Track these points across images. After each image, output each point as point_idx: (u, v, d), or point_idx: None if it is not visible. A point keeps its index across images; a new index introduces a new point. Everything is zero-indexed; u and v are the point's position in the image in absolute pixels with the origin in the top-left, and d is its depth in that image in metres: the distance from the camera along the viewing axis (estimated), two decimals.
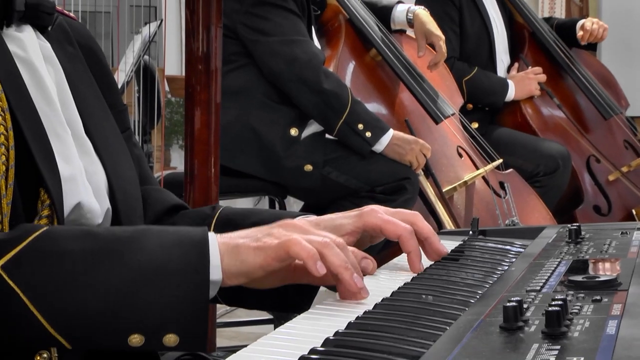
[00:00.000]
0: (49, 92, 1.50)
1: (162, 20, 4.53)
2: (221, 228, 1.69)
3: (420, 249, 1.54)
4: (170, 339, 1.21)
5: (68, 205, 1.46)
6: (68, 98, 1.56)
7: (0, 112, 1.37)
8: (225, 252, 1.27)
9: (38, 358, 1.32)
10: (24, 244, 1.22)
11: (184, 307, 1.22)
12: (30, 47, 1.52)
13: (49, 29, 1.58)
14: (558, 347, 0.94)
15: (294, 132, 3.73)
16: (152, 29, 4.53)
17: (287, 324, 1.20)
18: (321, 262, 1.27)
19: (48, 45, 1.57)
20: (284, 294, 1.49)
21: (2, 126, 1.37)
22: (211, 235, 1.28)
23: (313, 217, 1.56)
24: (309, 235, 1.31)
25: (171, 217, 1.75)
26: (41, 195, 1.41)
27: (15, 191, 1.37)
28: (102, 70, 1.72)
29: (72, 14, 1.74)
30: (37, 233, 1.24)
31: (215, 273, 1.25)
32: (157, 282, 1.22)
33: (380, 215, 1.52)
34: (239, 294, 1.44)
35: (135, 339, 1.21)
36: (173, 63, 9.96)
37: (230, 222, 1.70)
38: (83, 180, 1.51)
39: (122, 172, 1.61)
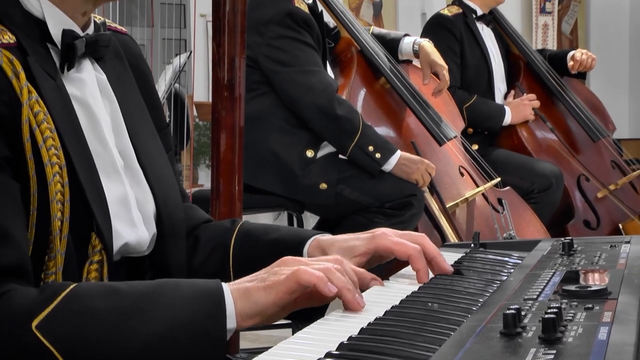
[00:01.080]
0: (102, 132, 1.50)
1: (191, 52, 4.55)
2: (241, 241, 1.69)
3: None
4: None
5: (117, 245, 1.46)
6: (122, 130, 1.56)
7: (58, 172, 1.37)
8: (238, 297, 1.26)
9: None
10: (54, 304, 1.21)
11: (202, 356, 1.22)
12: (88, 86, 1.52)
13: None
14: (554, 351, 0.94)
15: (310, 153, 3.73)
16: (182, 59, 4.55)
17: (304, 330, 1.19)
18: (332, 285, 1.26)
19: (104, 77, 1.57)
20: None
21: (59, 184, 1.36)
22: (224, 286, 1.27)
23: (328, 237, 1.56)
24: (311, 265, 1.30)
25: (199, 230, 1.74)
26: (92, 240, 1.41)
27: (68, 241, 1.37)
28: (149, 90, 1.72)
29: (122, 28, 1.73)
30: (64, 293, 1.23)
31: (231, 322, 1.24)
32: (178, 336, 1.21)
33: (391, 238, 1.52)
34: None
35: None
36: (201, 90, 9.98)
37: (251, 236, 1.70)
38: (136, 212, 1.51)
39: (169, 198, 1.61)
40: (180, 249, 1.62)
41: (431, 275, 1.54)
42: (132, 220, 1.51)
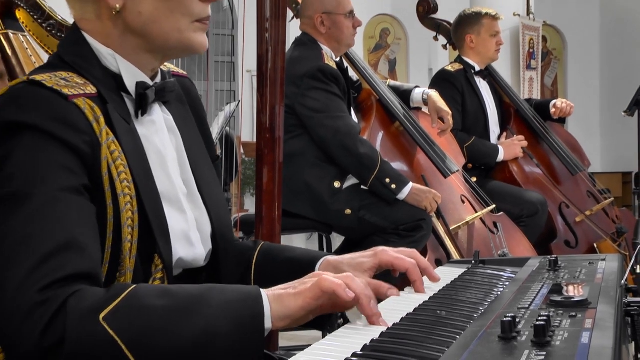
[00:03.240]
0: (167, 167, 1.51)
1: (239, 101, 4.56)
2: (262, 259, 1.69)
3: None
4: None
5: (176, 264, 1.46)
6: (185, 162, 1.57)
7: (129, 202, 1.37)
8: (273, 301, 1.24)
9: None
10: (118, 300, 1.20)
11: (248, 349, 1.20)
12: (157, 127, 1.53)
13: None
14: (544, 353, 0.93)
15: (337, 184, 3.73)
16: (232, 107, 4.56)
17: (334, 333, 1.19)
18: (351, 291, 1.25)
19: (170, 117, 1.58)
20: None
21: (130, 211, 1.37)
22: (262, 292, 1.25)
23: (336, 257, 1.55)
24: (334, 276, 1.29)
25: None
26: (155, 260, 1.41)
27: (136, 260, 1.37)
28: (203, 126, 1.72)
29: (184, 72, 1.74)
30: (127, 292, 1.22)
31: (267, 322, 1.23)
32: (224, 332, 1.19)
33: (391, 254, 1.52)
34: None
35: None
36: (247, 132, 10.04)
37: (270, 255, 1.69)
38: (195, 233, 1.51)
39: (222, 220, 1.60)
40: (231, 262, 1.62)
41: (427, 283, 1.53)
42: (191, 240, 1.51)
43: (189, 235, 1.50)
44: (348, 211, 3.68)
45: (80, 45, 1.48)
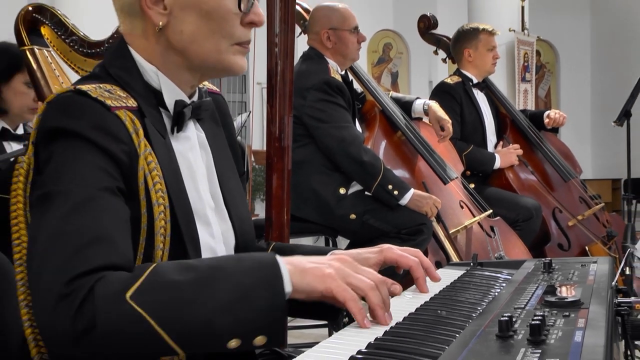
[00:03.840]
0: (198, 182, 1.50)
1: (250, 112, 4.56)
2: None
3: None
4: (260, 340, 1.18)
5: None
6: (214, 178, 1.56)
7: (163, 211, 1.37)
8: (294, 272, 1.24)
9: None
10: (141, 278, 1.19)
11: (268, 314, 1.19)
12: (190, 143, 1.53)
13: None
14: (539, 351, 0.93)
15: (342, 190, 3.73)
16: (243, 118, 4.56)
17: (340, 332, 1.19)
18: (367, 320, 1.23)
19: (203, 135, 1.57)
20: (317, 311, 1.47)
21: (163, 220, 1.37)
22: (279, 260, 1.24)
23: (343, 251, 1.54)
24: (359, 276, 1.28)
25: None
26: None
27: None
28: (232, 141, 1.71)
29: (217, 89, 1.73)
30: (149, 270, 1.21)
31: (287, 286, 1.22)
32: (245, 299, 1.18)
33: (395, 251, 1.51)
34: None
35: (233, 343, 1.18)
36: (257, 141, 10.05)
37: (282, 252, 1.68)
38: (221, 246, 1.52)
39: (245, 232, 1.60)
40: None
41: (428, 283, 1.53)
42: (216, 253, 1.50)
43: (215, 248, 1.50)
44: (353, 216, 3.68)
45: (126, 59, 1.48)
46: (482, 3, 11.05)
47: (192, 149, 1.53)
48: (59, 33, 3.14)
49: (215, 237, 1.51)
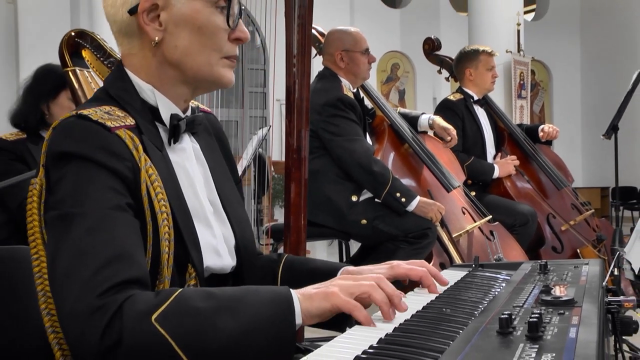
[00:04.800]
0: (196, 189, 1.50)
1: (270, 126, 4.55)
2: (286, 270, 1.68)
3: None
4: None
5: (207, 271, 1.45)
6: (211, 185, 1.56)
7: (166, 218, 1.37)
8: (304, 300, 1.23)
9: None
10: (167, 303, 1.19)
11: (279, 344, 1.19)
12: (186, 154, 1.53)
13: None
14: (537, 346, 0.92)
15: (354, 198, 3.72)
16: (264, 131, 4.56)
17: (353, 328, 1.18)
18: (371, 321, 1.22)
19: (198, 146, 1.58)
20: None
21: (166, 227, 1.37)
22: (293, 292, 1.24)
23: (354, 268, 1.53)
24: (359, 282, 1.27)
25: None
26: (189, 269, 1.40)
27: (173, 269, 1.37)
28: (227, 153, 1.70)
29: (207, 109, 1.73)
30: (174, 295, 1.21)
31: (298, 319, 1.22)
32: (262, 329, 1.18)
33: (404, 266, 1.49)
34: None
35: None
36: (277, 153, 10.06)
37: (293, 266, 1.68)
38: (222, 246, 1.51)
39: (245, 234, 1.59)
40: (254, 271, 1.60)
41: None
42: (219, 252, 1.50)
43: (217, 247, 1.49)
44: (364, 221, 3.67)
45: (124, 81, 1.48)
46: (482, 27, 11.05)
47: (189, 159, 1.53)
48: (98, 55, 3.17)
49: (217, 238, 1.50)
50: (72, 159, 1.30)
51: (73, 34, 3.21)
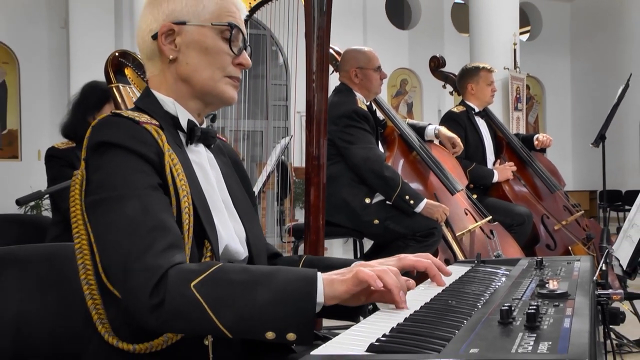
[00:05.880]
0: (212, 184, 1.54)
1: (292, 136, 4.55)
2: (306, 267, 1.67)
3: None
4: (291, 336, 1.20)
5: (221, 249, 1.46)
6: (224, 188, 1.59)
7: (186, 195, 1.40)
8: (326, 284, 1.25)
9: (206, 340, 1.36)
10: (207, 272, 1.24)
11: (301, 317, 1.20)
12: (202, 157, 1.56)
13: (212, 145, 1.62)
14: (535, 335, 0.91)
15: (367, 200, 3.71)
16: (286, 141, 4.55)
17: (367, 319, 1.17)
18: (380, 281, 1.24)
19: (212, 155, 1.61)
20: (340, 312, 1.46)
21: (187, 203, 1.40)
22: (318, 274, 1.25)
23: (365, 262, 1.53)
24: (375, 267, 1.28)
25: (273, 260, 1.73)
26: (206, 244, 1.42)
27: (192, 243, 1.38)
28: (242, 174, 1.73)
29: (224, 138, 1.77)
30: (215, 267, 1.25)
31: (320, 297, 1.23)
32: (287, 302, 1.20)
33: (412, 258, 1.49)
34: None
35: (270, 335, 1.20)
36: (297, 160, 10.08)
37: (312, 263, 1.69)
38: (232, 235, 1.52)
39: (253, 228, 1.62)
40: (263, 262, 1.62)
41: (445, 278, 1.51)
42: (232, 234, 1.52)
43: (229, 238, 1.51)
44: (376, 221, 3.66)
45: (150, 98, 1.55)
46: (482, 46, 11.03)
47: (204, 161, 1.56)
48: (138, 73, 3.18)
49: (229, 229, 1.52)
50: (108, 148, 1.36)
51: (117, 54, 3.23)
